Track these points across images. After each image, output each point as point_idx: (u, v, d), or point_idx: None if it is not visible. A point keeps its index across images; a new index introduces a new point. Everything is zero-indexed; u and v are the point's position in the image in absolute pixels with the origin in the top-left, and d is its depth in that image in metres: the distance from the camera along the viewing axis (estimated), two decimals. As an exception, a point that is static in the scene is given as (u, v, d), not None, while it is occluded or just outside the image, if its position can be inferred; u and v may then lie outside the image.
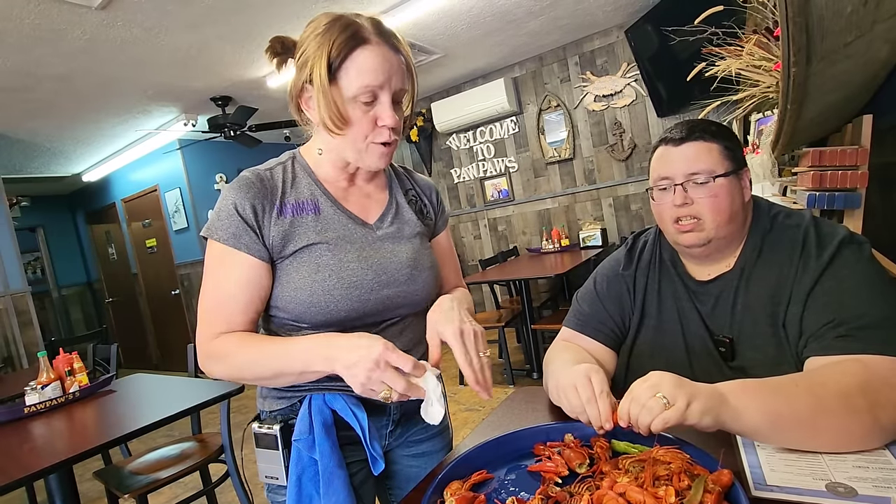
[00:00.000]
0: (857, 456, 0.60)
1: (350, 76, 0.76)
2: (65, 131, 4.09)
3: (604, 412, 0.70)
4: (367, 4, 2.78)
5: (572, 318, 1.03)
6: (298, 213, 0.82)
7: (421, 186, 1.00)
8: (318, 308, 0.80)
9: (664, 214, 0.87)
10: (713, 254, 0.87)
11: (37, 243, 6.65)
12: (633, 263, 0.99)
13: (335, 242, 0.83)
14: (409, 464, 0.99)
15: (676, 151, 0.85)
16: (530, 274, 3.31)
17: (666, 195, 0.86)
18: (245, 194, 0.79)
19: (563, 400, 0.78)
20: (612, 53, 3.96)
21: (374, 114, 0.78)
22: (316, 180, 0.86)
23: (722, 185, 0.82)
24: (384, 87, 0.77)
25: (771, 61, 1.35)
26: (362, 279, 0.82)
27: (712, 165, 0.82)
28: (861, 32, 0.94)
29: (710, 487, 0.53)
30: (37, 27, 2.40)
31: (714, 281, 0.88)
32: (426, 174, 5.10)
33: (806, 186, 1.28)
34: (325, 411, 0.84)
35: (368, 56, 0.76)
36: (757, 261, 0.84)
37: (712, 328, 0.87)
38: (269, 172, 0.84)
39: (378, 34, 0.77)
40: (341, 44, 0.74)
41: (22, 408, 1.69)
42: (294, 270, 0.81)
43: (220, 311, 0.79)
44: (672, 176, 0.85)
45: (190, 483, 2.58)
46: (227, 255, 0.78)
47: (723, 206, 0.82)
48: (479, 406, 3.12)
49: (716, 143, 0.84)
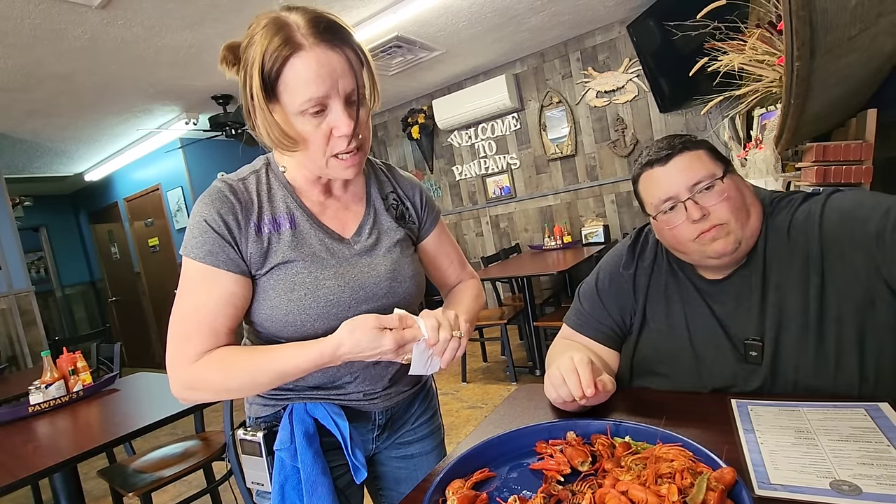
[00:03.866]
0: (862, 453, 0.60)
1: (289, 91, 0.68)
2: (66, 131, 4.10)
3: (584, 377, 0.73)
4: (368, 1, 2.77)
5: (573, 316, 1.03)
6: (275, 228, 0.79)
7: (404, 188, 0.94)
8: (295, 327, 0.78)
9: (682, 235, 0.82)
10: (741, 258, 0.83)
11: (40, 243, 6.67)
12: (634, 262, 0.96)
13: (311, 260, 0.79)
14: (397, 465, 0.98)
15: (668, 169, 0.82)
16: (532, 271, 3.30)
17: (676, 215, 0.82)
18: (218, 208, 0.75)
19: (548, 385, 0.81)
20: (613, 49, 3.94)
21: (327, 124, 0.70)
22: (291, 192, 0.82)
23: (728, 184, 0.80)
24: (330, 94, 0.69)
25: (774, 56, 1.34)
26: (339, 297, 0.79)
27: (710, 169, 0.81)
28: (865, 26, 0.93)
29: (714, 485, 0.53)
30: (37, 27, 2.39)
31: (730, 278, 0.85)
32: (428, 171, 5.10)
33: (810, 181, 1.27)
34: (306, 420, 0.83)
35: (305, 65, 0.66)
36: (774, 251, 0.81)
37: (733, 330, 0.84)
38: (242, 184, 0.79)
39: (314, 34, 0.67)
40: (273, 54, 0.66)
41: (26, 407, 1.69)
42: (270, 288, 0.78)
43: (204, 327, 0.74)
44: (676, 194, 0.81)
45: (193, 481, 2.59)
46: (206, 273, 0.74)
47: (738, 203, 0.80)
48: (482, 404, 3.12)
49: (700, 149, 0.83)
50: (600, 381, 0.79)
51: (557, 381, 0.78)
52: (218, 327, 0.75)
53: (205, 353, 0.74)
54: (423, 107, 4.94)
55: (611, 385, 0.81)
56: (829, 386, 0.77)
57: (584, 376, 0.75)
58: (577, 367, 0.76)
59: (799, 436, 0.65)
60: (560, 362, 0.80)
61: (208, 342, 0.74)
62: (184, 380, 0.74)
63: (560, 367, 0.79)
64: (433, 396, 1.05)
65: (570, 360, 0.78)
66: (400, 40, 3.40)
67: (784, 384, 0.80)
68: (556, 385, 0.79)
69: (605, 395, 0.80)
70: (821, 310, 0.77)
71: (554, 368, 0.80)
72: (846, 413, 0.68)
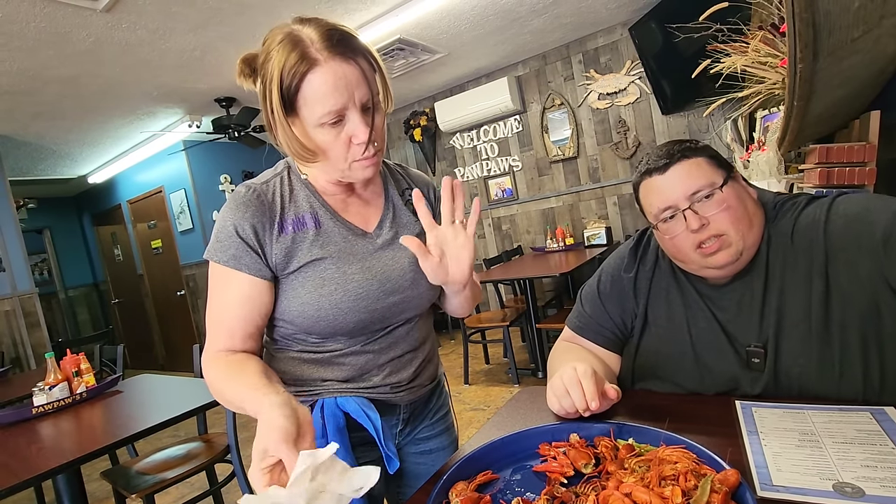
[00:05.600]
0: (866, 455, 0.60)
1: (308, 104, 0.71)
2: (70, 133, 4.12)
3: (588, 390, 0.71)
4: (370, 4, 2.78)
5: (574, 319, 1.03)
6: (299, 228, 0.81)
7: (418, 184, 0.98)
8: (327, 321, 0.80)
9: (682, 244, 0.81)
10: (741, 267, 0.82)
11: (43, 245, 6.70)
12: (636, 264, 0.95)
13: (338, 256, 0.82)
14: (416, 461, 0.99)
15: (667, 178, 0.81)
16: (535, 273, 3.30)
17: (676, 224, 0.81)
18: (243, 214, 0.78)
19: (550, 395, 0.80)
20: (615, 51, 3.94)
21: (346, 133, 0.74)
22: (314, 191, 0.85)
23: (728, 193, 0.79)
24: (347, 105, 0.72)
25: (777, 57, 1.34)
26: (367, 290, 0.82)
27: (710, 178, 0.79)
28: (868, 27, 0.93)
29: (717, 487, 0.53)
30: (42, 30, 2.41)
31: (731, 284, 0.84)
32: (430, 173, 5.11)
33: (813, 183, 1.27)
34: (337, 414, 0.84)
35: (322, 79, 0.70)
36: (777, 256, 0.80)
37: (735, 336, 0.83)
38: (265, 186, 0.82)
39: (328, 48, 0.70)
40: (290, 70, 0.69)
41: (30, 409, 1.70)
42: (300, 286, 0.80)
43: (222, 327, 0.79)
44: (675, 203, 0.80)
45: (196, 483, 2.59)
46: (228, 275, 0.78)
47: (739, 213, 0.78)
48: (484, 406, 3.12)
49: (699, 156, 0.81)
50: (607, 389, 0.77)
51: (560, 391, 0.77)
52: (234, 329, 0.78)
53: (221, 351, 0.79)
54: (425, 109, 4.95)
55: (615, 394, 0.79)
56: (834, 392, 0.76)
57: (588, 388, 0.73)
58: (582, 378, 0.75)
59: (803, 438, 0.65)
60: (563, 371, 0.78)
61: (223, 341, 0.79)
62: (203, 368, 0.80)
63: (563, 377, 0.77)
64: (447, 394, 1.07)
65: (574, 371, 0.76)
66: (402, 43, 3.41)
67: (788, 390, 0.79)
68: (559, 396, 0.78)
69: (609, 403, 0.79)
70: (825, 316, 0.76)
71: (556, 378, 0.79)
72: (851, 416, 0.68)
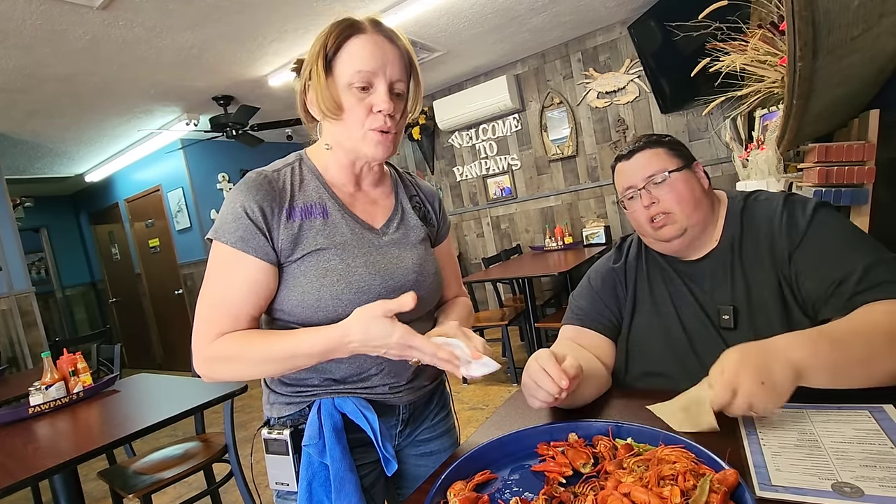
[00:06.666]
0: (865, 455, 0.60)
1: (344, 63, 0.78)
2: (67, 132, 4.10)
3: (553, 373, 0.74)
4: (369, 2, 2.77)
5: (570, 316, 1.06)
6: (307, 216, 0.82)
7: (425, 193, 1.00)
8: (326, 312, 0.79)
9: (639, 218, 0.96)
10: (692, 242, 0.94)
11: (40, 244, 6.68)
12: (623, 257, 1.06)
13: (343, 247, 0.82)
14: (417, 463, 0.98)
15: (630, 163, 0.97)
16: (533, 272, 3.30)
17: (635, 202, 0.96)
18: (254, 196, 0.78)
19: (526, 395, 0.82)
20: (614, 49, 3.94)
21: (370, 101, 0.79)
22: (324, 183, 0.86)
23: (677, 178, 0.92)
24: (378, 73, 0.78)
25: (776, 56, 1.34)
26: (370, 284, 0.82)
27: (663, 165, 0.93)
28: (868, 26, 0.93)
29: (716, 487, 0.53)
30: (38, 28, 2.40)
31: (704, 259, 0.95)
32: (429, 172, 5.11)
33: (812, 182, 1.27)
34: (334, 415, 0.84)
35: (361, 44, 0.78)
36: (742, 234, 0.92)
37: (708, 306, 0.93)
38: (276, 174, 0.83)
39: (375, 26, 0.79)
40: (336, 35, 0.78)
41: (26, 408, 1.69)
42: (301, 275, 0.80)
43: (226, 310, 0.78)
44: (634, 184, 0.95)
45: (194, 483, 2.59)
46: (235, 258, 0.77)
47: (684, 196, 0.91)
48: (483, 405, 3.12)
49: (660, 147, 0.95)
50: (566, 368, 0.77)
51: (531, 388, 0.79)
52: (239, 312, 0.78)
53: (223, 333, 0.77)
54: (423, 107, 4.94)
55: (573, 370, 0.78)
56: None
57: (552, 372, 0.75)
58: (543, 366, 0.77)
59: (802, 438, 0.65)
60: (527, 368, 0.81)
61: (228, 325, 0.77)
62: (204, 354, 0.77)
63: (528, 373, 0.80)
64: (448, 395, 1.07)
65: (535, 362, 0.79)
66: (401, 41, 3.40)
67: None
68: (532, 392, 0.79)
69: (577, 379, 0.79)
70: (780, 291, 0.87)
71: (525, 377, 0.81)
72: (850, 415, 0.68)
